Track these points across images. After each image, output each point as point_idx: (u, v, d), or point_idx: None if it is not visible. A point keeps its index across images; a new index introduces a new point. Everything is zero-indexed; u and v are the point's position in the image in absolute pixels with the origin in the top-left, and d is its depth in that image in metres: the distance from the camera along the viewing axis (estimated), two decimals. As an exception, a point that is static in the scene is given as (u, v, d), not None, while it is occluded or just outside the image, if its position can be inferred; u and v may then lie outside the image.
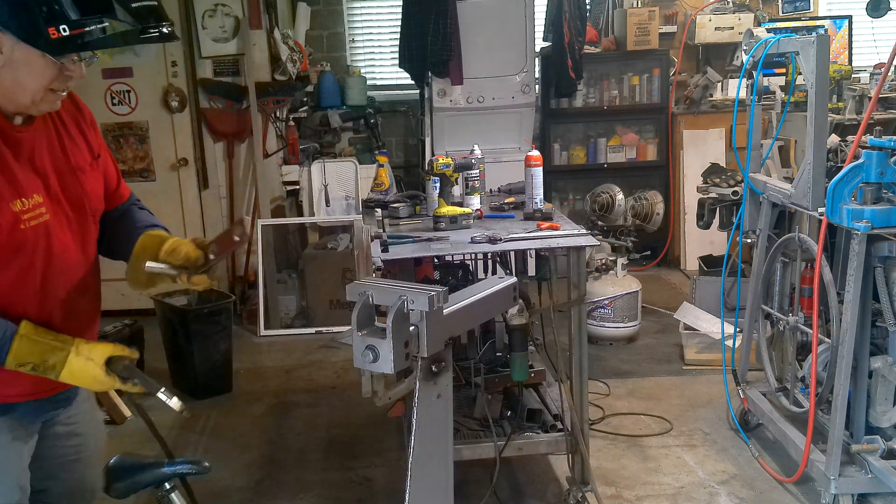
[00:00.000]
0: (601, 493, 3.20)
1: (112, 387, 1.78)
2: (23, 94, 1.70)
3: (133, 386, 1.80)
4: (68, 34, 1.60)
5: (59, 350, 1.73)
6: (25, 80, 1.68)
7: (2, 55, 1.64)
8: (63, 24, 1.59)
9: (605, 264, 4.90)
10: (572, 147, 6.70)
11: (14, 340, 1.69)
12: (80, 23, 1.61)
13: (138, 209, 2.10)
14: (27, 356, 1.70)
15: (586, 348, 3.07)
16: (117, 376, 1.77)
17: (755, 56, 3.44)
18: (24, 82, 1.68)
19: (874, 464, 2.95)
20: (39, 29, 1.59)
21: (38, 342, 1.72)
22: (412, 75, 5.75)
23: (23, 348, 1.70)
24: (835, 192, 2.89)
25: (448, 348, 1.78)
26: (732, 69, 6.63)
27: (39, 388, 1.83)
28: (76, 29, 1.61)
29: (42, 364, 1.71)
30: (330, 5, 6.94)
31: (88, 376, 1.75)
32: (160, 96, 5.70)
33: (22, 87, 1.69)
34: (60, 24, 1.59)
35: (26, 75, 1.67)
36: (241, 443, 3.93)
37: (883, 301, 2.90)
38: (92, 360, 1.74)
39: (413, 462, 1.71)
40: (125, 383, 1.78)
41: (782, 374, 3.56)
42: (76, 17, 1.60)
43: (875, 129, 2.89)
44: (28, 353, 1.70)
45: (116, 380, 1.77)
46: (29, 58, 1.64)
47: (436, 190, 3.30)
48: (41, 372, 1.72)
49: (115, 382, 1.77)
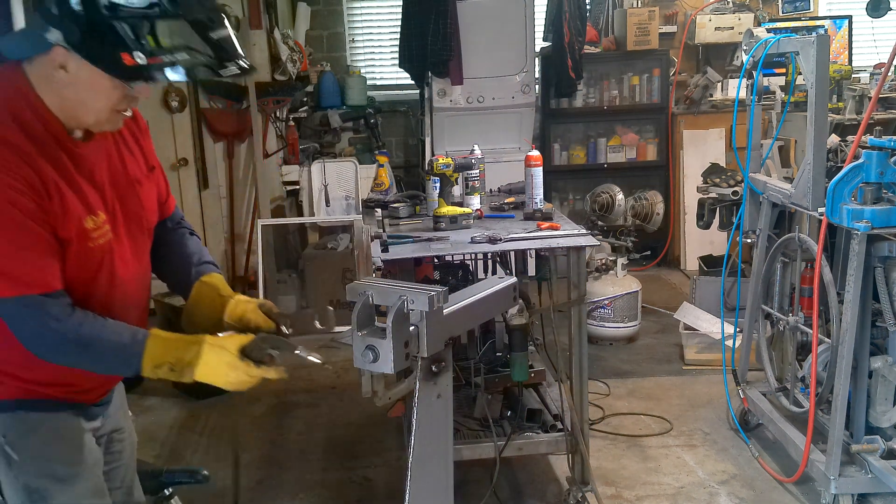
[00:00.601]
0: (601, 493, 3.20)
1: (248, 374, 1.69)
2: (87, 113, 1.66)
3: (269, 370, 1.71)
4: (144, 63, 1.55)
5: (193, 344, 1.67)
6: (91, 100, 1.63)
7: (67, 74, 1.59)
8: (139, 52, 1.54)
9: (605, 264, 4.90)
10: (572, 147, 6.70)
11: (147, 342, 1.65)
12: (158, 53, 1.55)
13: (189, 234, 2.03)
14: (163, 356, 1.65)
15: (586, 348, 3.07)
16: (252, 362, 1.69)
17: (755, 56, 3.44)
18: (89, 102, 1.64)
19: (874, 464, 2.95)
20: (113, 54, 1.54)
21: (170, 340, 1.67)
22: (412, 75, 5.75)
23: (157, 349, 1.65)
24: (835, 192, 2.89)
25: (448, 348, 1.78)
26: (732, 69, 6.63)
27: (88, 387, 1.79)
28: (153, 58, 1.56)
29: (178, 362, 1.66)
30: (330, 5, 6.94)
31: (224, 365, 1.67)
32: (160, 96, 5.70)
33: (86, 107, 1.65)
34: (136, 51, 1.54)
35: (92, 96, 1.63)
36: (241, 443, 3.93)
37: (883, 301, 2.90)
38: (226, 349, 1.68)
39: (413, 462, 1.71)
40: (260, 367, 1.70)
41: (782, 374, 3.56)
42: (154, 47, 1.55)
43: (875, 129, 2.89)
44: (163, 352, 1.65)
45: (252, 365, 1.69)
46: (96, 79, 1.59)
47: (436, 190, 3.30)
48: (178, 372, 1.66)
49: (251, 369, 1.69)
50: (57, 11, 1.53)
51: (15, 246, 1.55)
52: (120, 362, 1.67)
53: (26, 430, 1.72)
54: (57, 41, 1.56)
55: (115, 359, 1.66)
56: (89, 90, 1.61)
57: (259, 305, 1.90)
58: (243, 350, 1.69)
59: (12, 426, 1.71)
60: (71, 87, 1.61)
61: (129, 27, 1.53)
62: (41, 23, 1.56)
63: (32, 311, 1.58)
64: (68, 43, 1.55)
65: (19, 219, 1.54)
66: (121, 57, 1.54)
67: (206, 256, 2.00)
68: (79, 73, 1.59)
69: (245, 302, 1.90)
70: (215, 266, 2.00)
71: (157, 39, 1.55)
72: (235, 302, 1.90)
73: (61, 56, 1.57)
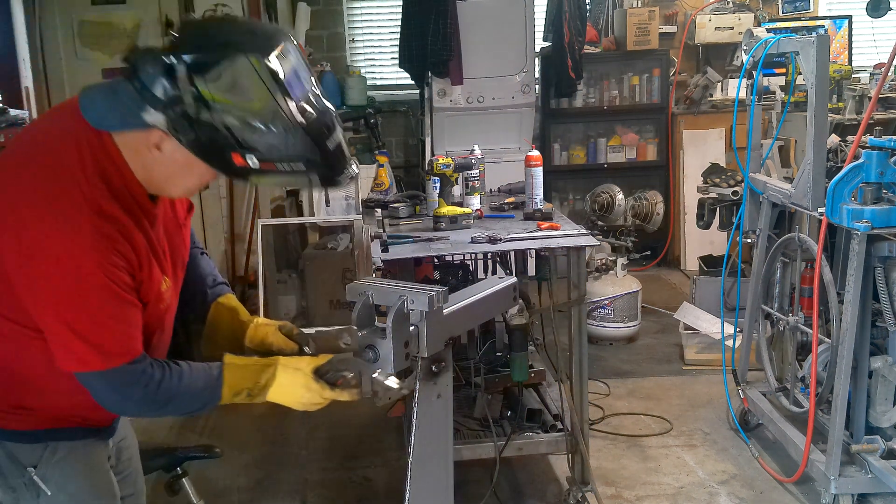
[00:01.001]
0: (601, 493, 3.20)
1: (322, 395, 1.65)
2: (173, 187, 1.62)
3: (342, 392, 1.66)
4: (256, 167, 1.46)
5: (267, 367, 1.65)
6: (181, 179, 1.59)
7: (161, 153, 1.52)
8: (252, 155, 1.45)
9: (605, 264, 4.90)
10: (572, 147, 6.70)
11: (225, 374, 1.62)
12: (271, 159, 1.46)
13: (200, 254, 1.99)
14: (241, 383, 1.63)
15: (586, 348, 3.07)
16: (326, 383, 1.66)
17: (755, 56, 3.44)
18: (179, 181, 1.59)
19: (874, 464, 2.95)
20: (222, 152, 1.46)
21: (246, 366, 1.65)
22: (412, 75, 5.75)
23: (235, 378, 1.63)
24: (835, 192, 2.89)
25: (448, 348, 1.78)
26: (732, 69, 6.63)
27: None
28: (266, 164, 1.46)
29: (255, 386, 1.63)
30: (330, 5, 6.94)
31: (299, 387, 1.64)
32: (160, 96, 5.69)
33: (174, 183, 1.60)
34: (249, 154, 1.45)
35: (184, 176, 1.57)
36: (241, 443, 3.93)
37: (883, 301, 2.90)
38: (300, 370, 1.65)
39: (413, 462, 1.71)
40: (334, 390, 1.66)
41: (782, 374, 3.56)
42: (268, 154, 1.45)
43: (875, 129, 2.89)
44: (241, 379, 1.63)
45: (326, 387, 1.64)
46: (192, 164, 1.51)
47: (436, 190, 3.30)
48: (255, 395, 1.64)
49: (325, 391, 1.64)
50: (164, 98, 1.44)
51: (112, 319, 1.51)
52: (202, 403, 1.65)
53: (56, 460, 1.68)
54: (157, 124, 1.47)
55: (197, 401, 1.64)
56: (182, 171, 1.56)
57: (279, 327, 1.89)
58: (317, 371, 1.66)
59: (42, 456, 1.67)
60: (162, 165, 1.54)
61: (244, 130, 1.44)
62: (142, 103, 1.46)
63: (118, 381, 1.54)
64: (173, 131, 1.46)
65: (115, 292, 1.49)
66: (231, 157, 1.46)
67: (219, 277, 1.99)
68: (174, 156, 1.52)
69: (265, 325, 1.89)
70: (228, 286, 1.99)
71: (272, 146, 1.46)
72: (255, 326, 1.90)
73: (158, 137, 1.50)
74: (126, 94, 1.48)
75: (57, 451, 1.68)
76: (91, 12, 5.88)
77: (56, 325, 1.50)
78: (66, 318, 1.49)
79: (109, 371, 1.52)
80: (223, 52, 1.43)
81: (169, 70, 1.43)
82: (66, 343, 1.50)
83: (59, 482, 1.67)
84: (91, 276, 1.46)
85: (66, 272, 1.46)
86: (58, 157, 1.51)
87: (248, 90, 1.43)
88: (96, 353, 1.50)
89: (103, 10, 5.88)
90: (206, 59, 1.43)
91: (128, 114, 1.49)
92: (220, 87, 1.42)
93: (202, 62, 1.43)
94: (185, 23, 1.52)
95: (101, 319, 1.49)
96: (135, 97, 1.47)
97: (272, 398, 1.66)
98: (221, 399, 1.63)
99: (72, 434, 1.69)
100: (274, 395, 1.65)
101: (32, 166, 1.51)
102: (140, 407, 1.60)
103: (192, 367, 1.62)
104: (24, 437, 1.66)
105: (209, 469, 3.51)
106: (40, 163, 1.51)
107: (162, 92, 1.44)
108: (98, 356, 1.51)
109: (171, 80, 1.43)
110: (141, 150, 1.53)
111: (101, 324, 1.49)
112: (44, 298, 1.49)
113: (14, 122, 4.39)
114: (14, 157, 1.57)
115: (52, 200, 1.47)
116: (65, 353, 1.51)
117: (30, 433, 1.66)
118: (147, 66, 1.46)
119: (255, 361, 1.68)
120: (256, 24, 1.51)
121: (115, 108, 1.51)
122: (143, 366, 1.55)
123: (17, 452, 1.66)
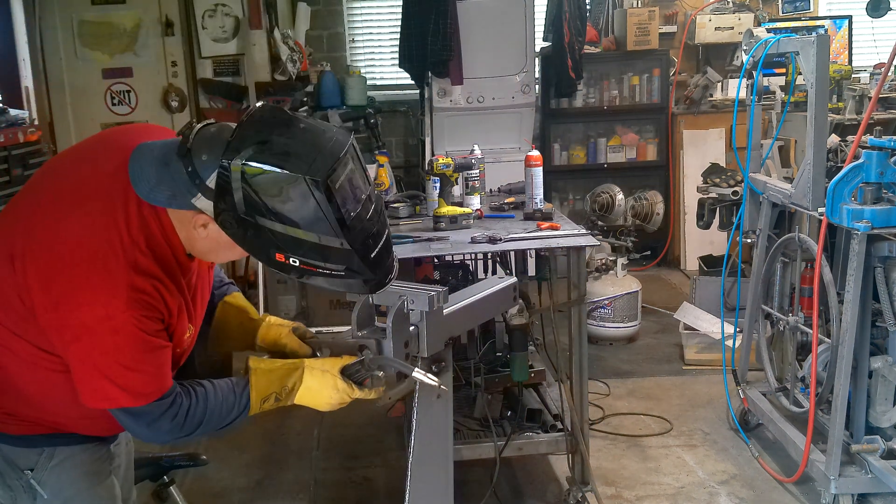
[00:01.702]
0: (601, 493, 3.20)
1: (350, 395, 1.67)
2: (216, 258, 1.68)
3: (369, 391, 1.68)
4: (296, 265, 1.49)
5: (294, 370, 1.65)
6: (223, 253, 1.62)
7: (206, 231, 1.55)
8: (294, 258, 1.48)
9: (605, 264, 4.90)
10: (572, 147, 6.70)
11: (251, 380, 1.62)
12: (314, 263, 1.49)
13: None
14: (268, 388, 1.63)
15: (586, 348, 3.07)
16: (354, 383, 1.67)
17: (755, 56, 3.44)
18: (221, 254, 1.64)
19: (874, 464, 2.95)
20: (266, 249, 1.49)
21: (273, 370, 1.65)
22: (412, 75, 5.75)
23: (262, 382, 1.63)
24: (835, 192, 2.89)
25: (448, 348, 1.78)
26: (732, 69, 6.62)
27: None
28: (308, 266, 1.49)
29: (282, 390, 1.64)
30: (330, 5, 6.94)
31: (329, 387, 1.65)
32: (160, 96, 5.71)
33: (217, 256, 1.66)
34: (291, 256, 1.48)
35: (226, 252, 1.60)
36: (241, 443, 3.93)
37: (883, 301, 2.90)
38: (329, 372, 1.65)
39: (413, 462, 1.71)
40: (362, 389, 1.67)
41: (782, 374, 3.56)
42: (310, 261, 1.48)
43: (875, 129, 2.89)
44: (268, 384, 1.63)
45: (354, 387, 1.66)
46: (235, 245, 1.54)
47: (436, 190, 3.30)
48: (283, 399, 1.64)
49: (354, 390, 1.66)
50: (215, 190, 1.46)
51: (143, 365, 1.51)
52: (232, 417, 1.64)
53: (53, 465, 1.68)
54: (205, 211, 1.50)
55: (227, 416, 1.64)
56: (225, 249, 1.58)
57: (293, 329, 1.89)
58: (343, 370, 1.67)
59: (38, 461, 1.67)
60: (206, 242, 1.57)
61: (287, 240, 1.46)
62: (193, 188, 1.49)
63: (147, 418, 1.55)
64: (220, 223, 1.49)
65: (146, 339, 1.50)
66: (274, 255, 1.49)
67: (225, 278, 1.99)
68: (219, 238, 1.53)
69: (278, 325, 1.89)
70: (235, 285, 1.99)
71: (315, 255, 1.48)
72: (268, 325, 1.90)
73: (204, 221, 1.53)
74: (178, 173, 1.49)
75: (53, 456, 1.67)
76: (91, 12, 5.89)
77: (83, 367, 1.50)
78: (95, 363, 1.49)
79: (138, 408, 1.53)
80: (283, 163, 1.43)
81: (225, 164, 1.44)
82: (93, 382, 1.51)
83: (55, 487, 1.67)
84: (123, 327, 1.47)
85: (98, 321, 1.46)
86: (106, 204, 1.52)
87: (299, 208, 1.43)
88: (125, 394, 1.51)
89: (103, 10, 5.89)
90: (265, 165, 1.43)
91: (178, 194, 1.50)
92: (273, 197, 1.43)
93: (260, 167, 1.43)
94: (252, 114, 1.51)
95: (131, 366, 1.50)
96: (186, 180, 1.48)
97: (300, 401, 1.66)
98: (251, 408, 1.62)
99: (69, 440, 1.69)
100: (302, 398, 1.66)
101: (79, 211, 1.51)
102: (171, 435, 1.59)
103: (216, 385, 1.62)
104: (20, 441, 1.65)
105: (209, 469, 3.51)
106: (87, 209, 1.52)
107: (214, 184, 1.46)
108: (127, 396, 1.51)
109: (225, 174, 1.44)
110: (186, 225, 1.56)
111: (132, 369, 1.50)
112: (72, 341, 1.48)
113: (14, 122, 4.39)
114: (61, 192, 1.56)
115: (92, 249, 1.48)
116: (90, 391, 1.52)
117: (26, 437, 1.65)
118: (203, 152, 1.48)
119: (281, 364, 1.67)
120: (322, 136, 1.49)
121: (164, 184, 1.51)
122: (170, 399, 1.55)
123: (14, 456, 1.66)
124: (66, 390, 1.56)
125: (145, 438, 1.61)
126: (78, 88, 5.87)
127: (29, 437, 1.66)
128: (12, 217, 1.59)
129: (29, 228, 1.53)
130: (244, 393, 1.62)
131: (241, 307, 1.93)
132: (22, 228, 1.54)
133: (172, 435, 1.59)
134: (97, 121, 5.89)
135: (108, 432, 1.76)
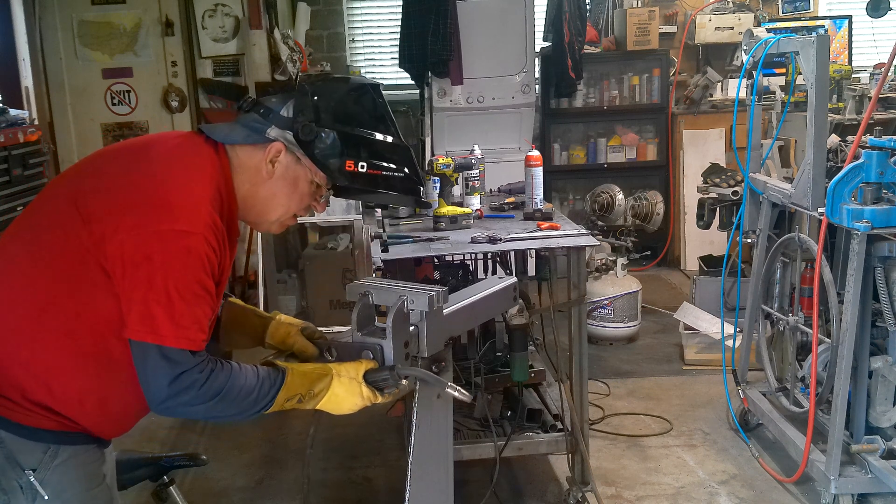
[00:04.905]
0: (601, 493, 3.20)
1: (372, 401, 1.70)
2: (272, 210, 1.74)
3: (388, 396, 1.71)
4: (364, 171, 1.70)
5: (324, 376, 1.68)
6: (283, 198, 1.72)
7: (272, 169, 1.69)
8: (363, 162, 1.69)
9: (605, 264, 4.90)
10: (572, 147, 6.70)
11: (287, 376, 1.65)
12: (379, 164, 1.71)
13: None
14: (297, 388, 1.65)
15: (586, 348, 3.07)
16: (377, 389, 1.69)
17: (755, 56, 3.44)
18: (280, 200, 1.73)
19: (874, 464, 2.95)
20: (338, 157, 1.68)
21: (307, 374, 1.68)
22: (412, 75, 5.75)
23: (295, 382, 1.65)
24: (835, 192, 2.89)
25: (448, 348, 1.78)
26: (732, 69, 6.63)
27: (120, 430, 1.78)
28: (374, 169, 1.71)
29: (308, 393, 1.67)
30: (330, 5, 6.94)
31: (354, 395, 1.68)
32: (160, 96, 5.70)
33: (273, 205, 1.73)
34: (361, 160, 1.69)
35: (286, 194, 1.72)
36: (241, 443, 3.93)
37: (883, 301, 2.90)
38: (355, 380, 1.68)
39: (413, 462, 1.71)
40: (384, 395, 1.70)
41: (782, 374, 3.56)
42: (377, 162, 1.71)
43: (875, 129, 2.89)
44: (298, 385, 1.66)
45: (375, 393, 1.69)
46: (299, 179, 1.70)
47: (436, 190, 3.30)
48: (305, 401, 1.67)
49: (377, 396, 1.70)
50: (289, 116, 1.67)
51: (196, 299, 1.55)
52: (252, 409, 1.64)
53: (56, 465, 1.66)
54: (279, 138, 1.67)
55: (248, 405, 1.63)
56: (287, 188, 1.71)
57: (302, 329, 1.91)
58: (367, 376, 1.69)
59: (42, 460, 1.65)
60: (269, 183, 1.70)
61: (360, 141, 1.69)
62: (267, 123, 1.67)
63: (176, 366, 1.54)
64: (294, 144, 1.67)
65: (206, 277, 1.56)
66: (345, 164, 1.69)
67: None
68: (286, 172, 1.69)
69: (287, 324, 1.92)
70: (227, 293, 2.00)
71: (381, 155, 1.73)
72: (277, 324, 1.92)
73: (275, 152, 1.68)
74: (249, 119, 1.70)
75: (58, 455, 1.66)
76: (91, 12, 5.88)
77: (140, 292, 1.53)
78: (155, 287, 1.52)
79: (173, 350, 1.53)
80: (345, 83, 1.76)
81: (303, 87, 1.69)
82: (147, 308, 1.52)
83: (56, 488, 1.66)
84: (197, 247, 1.54)
85: (176, 235, 1.53)
86: (199, 163, 1.65)
87: (366, 110, 1.73)
88: (172, 326, 1.52)
89: (103, 10, 5.89)
90: (330, 86, 1.73)
91: (252, 131, 1.69)
92: (344, 104, 1.71)
93: (326, 89, 1.72)
94: (302, 78, 1.69)
95: (187, 298, 1.53)
96: (258, 120, 1.69)
97: (322, 406, 1.70)
98: (275, 402, 1.63)
99: (74, 439, 1.69)
100: (325, 405, 1.70)
101: (175, 168, 1.63)
102: (187, 396, 1.56)
103: (244, 367, 1.65)
104: (26, 433, 1.63)
105: (209, 469, 3.52)
106: (185, 163, 1.65)
107: (288, 111, 1.67)
108: (172, 329, 1.52)
109: (303, 91, 1.69)
110: (254, 167, 1.69)
111: (188, 302, 1.54)
112: (142, 262, 1.52)
113: (14, 122, 4.38)
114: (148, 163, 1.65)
115: (183, 177, 1.61)
116: (139, 318, 1.53)
117: (32, 429, 1.64)
118: (271, 97, 1.71)
119: (311, 368, 1.71)
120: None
121: (237, 129, 1.71)
122: (200, 358, 1.57)
123: (18, 454, 1.64)
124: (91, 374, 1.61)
125: (161, 397, 1.57)
126: (78, 88, 5.87)
127: (36, 429, 1.64)
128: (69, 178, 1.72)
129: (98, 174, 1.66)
130: (274, 387, 1.63)
131: (246, 306, 1.96)
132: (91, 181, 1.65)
133: (189, 397, 1.56)
134: (97, 121, 5.89)
135: (112, 434, 1.77)
